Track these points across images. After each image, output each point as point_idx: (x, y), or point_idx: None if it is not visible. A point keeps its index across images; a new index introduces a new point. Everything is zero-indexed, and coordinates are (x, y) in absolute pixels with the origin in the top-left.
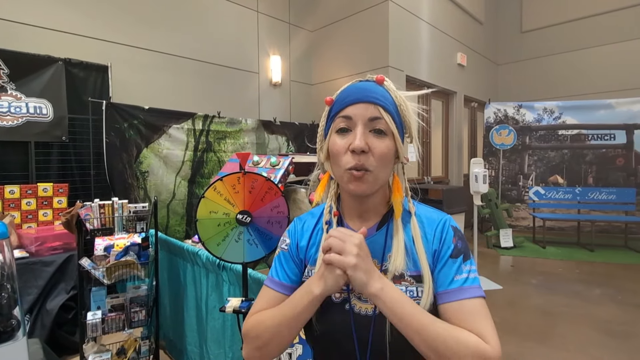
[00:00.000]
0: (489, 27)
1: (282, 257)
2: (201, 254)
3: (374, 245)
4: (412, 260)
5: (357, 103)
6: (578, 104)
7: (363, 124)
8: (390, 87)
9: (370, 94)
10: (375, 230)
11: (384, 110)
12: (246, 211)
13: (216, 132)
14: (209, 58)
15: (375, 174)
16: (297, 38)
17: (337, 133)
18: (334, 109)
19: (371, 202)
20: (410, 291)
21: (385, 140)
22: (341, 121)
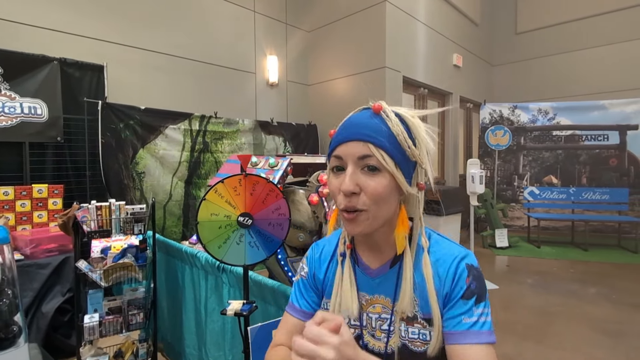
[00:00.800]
0: (484, 29)
1: (301, 285)
2: (200, 256)
3: (386, 284)
4: (424, 301)
5: (346, 142)
6: (572, 105)
7: (353, 163)
8: (388, 117)
9: (361, 130)
10: (388, 268)
11: (375, 146)
12: (247, 213)
13: (213, 133)
14: (205, 58)
15: (372, 212)
16: (294, 38)
17: (332, 172)
18: (330, 146)
19: (378, 237)
20: (422, 334)
21: (378, 177)
22: (334, 160)
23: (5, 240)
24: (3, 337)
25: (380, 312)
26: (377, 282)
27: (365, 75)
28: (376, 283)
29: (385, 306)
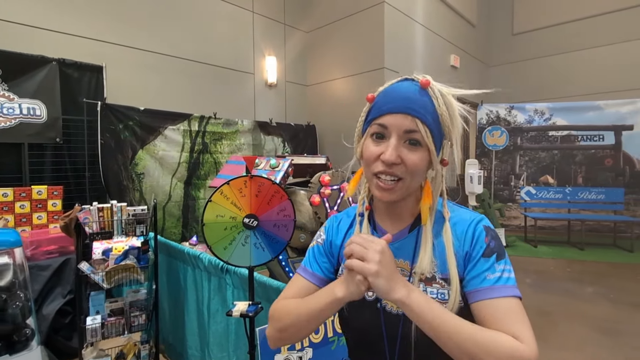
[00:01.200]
0: (481, 30)
1: (316, 250)
2: (203, 257)
3: (405, 247)
4: (443, 263)
5: (394, 113)
6: (568, 106)
7: (398, 136)
8: (434, 93)
9: (410, 105)
10: (407, 232)
11: (422, 122)
12: (253, 215)
13: (212, 134)
14: (204, 58)
15: (407, 182)
16: (293, 39)
17: (371, 138)
18: (372, 113)
19: (401, 206)
20: (441, 293)
21: (419, 151)
22: (377, 128)
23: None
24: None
25: None
26: (395, 247)
27: (364, 76)
28: (395, 247)
29: (403, 269)
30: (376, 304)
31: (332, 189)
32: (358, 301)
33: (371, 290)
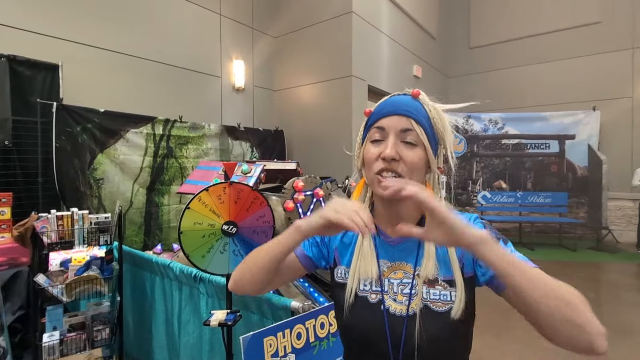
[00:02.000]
0: (441, 43)
1: (316, 240)
2: (173, 266)
3: (407, 251)
4: (445, 265)
5: (390, 115)
6: (518, 116)
7: (395, 135)
8: (425, 101)
9: (404, 107)
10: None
11: (416, 122)
12: (232, 222)
13: (177, 137)
14: (169, 60)
15: (408, 180)
16: (261, 43)
17: (371, 142)
18: (370, 120)
19: (402, 208)
20: (443, 295)
21: (416, 150)
22: (375, 132)
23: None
24: None
25: (402, 278)
26: (398, 250)
27: (332, 83)
28: (397, 251)
29: (406, 272)
30: (380, 306)
31: (305, 194)
32: (361, 304)
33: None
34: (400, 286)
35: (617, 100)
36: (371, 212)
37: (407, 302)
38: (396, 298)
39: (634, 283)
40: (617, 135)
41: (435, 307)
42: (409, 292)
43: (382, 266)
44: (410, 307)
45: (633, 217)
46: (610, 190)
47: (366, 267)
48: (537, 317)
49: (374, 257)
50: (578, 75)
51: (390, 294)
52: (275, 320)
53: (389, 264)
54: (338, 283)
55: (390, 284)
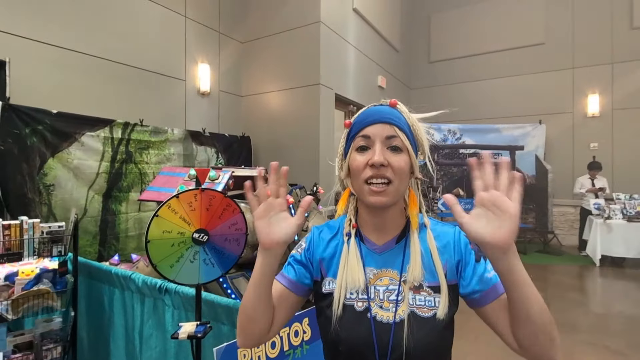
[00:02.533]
0: (403, 55)
1: (295, 258)
2: (135, 277)
3: (393, 258)
4: (429, 272)
5: (375, 124)
6: (474, 127)
7: (381, 142)
8: (402, 110)
9: (387, 115)
10: (394, 243)
11: (399, 129)
12: (203, 229)
13: (138, 142)
14: (130, 61)
15: (396, 185)
16: (227, 48)
17: (357, 151)
18: (353, 130)
19: (388, 215)
20: (428, 301)
21: (401, 155)
22: (361, 140)
23: None
24: None
25: (388, 284)
26: (384, 257)
27: (300, 91)
28: (383, 258)
29: (392, 278)
30: (366, 314)
31: None
32: (347, 313)
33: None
34: (387, 293)
35: (560, 115)
36: (356, 220)
37: (393, 309)
38: (382, 305)
39: (577, 283)
40: (560, 146)
41: (422, 312)
42: (396, 299)
43: (368, 273)
44: (397, 314)
45: (575, 222)
46: (555, 198)
47: (353, 275)
48: (524, 329)
49: (360, 265)
50: (526, 91)
51: (376, 301)
52: None
53: (375, 271)
54: (324, 294)
55: (376, 291)
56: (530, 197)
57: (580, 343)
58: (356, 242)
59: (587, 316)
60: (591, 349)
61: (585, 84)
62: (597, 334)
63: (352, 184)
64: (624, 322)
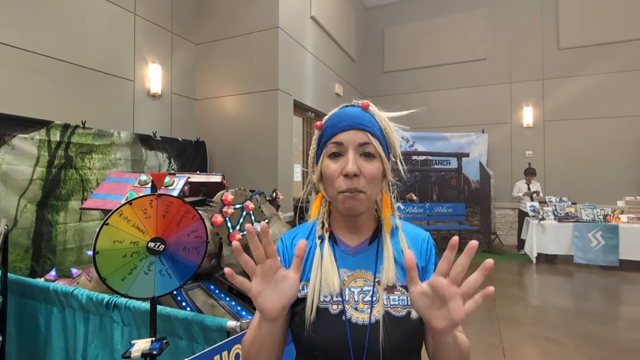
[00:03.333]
0: (359, 64)
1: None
2: (78, 293)
3: (366, 259)
4: (401, 271)
5: (347, 130)
6: (425, 135)
7: (354, 149)
8: (375, 112)
9: (359, 121)
10: (367, 245)
11: (372, 135)
12: (159, 238)
13: (79, 145)
14: (72, 58)
15: (368, 194)
16: (181, 49)
17: (329, 158)
18: (325, 135)
19: (361, 218)
20: (402, 300)
21: (374, 162)
22: (333, 147)
23: None
24: None
25: (362, 286)
26: (357, 259)
27: (258, 96)
28: (356, 259)
29: (366, 279)
30: (341, 317)
31: (235, 208)
32: (322, 317)
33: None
34: (361, 294)
35: (500, 125)
36: (329, 223)
37: (369, 310)
38: (357, 307)
39: (517, 280)
40: (501, 154)
41: (396, 312)
42: (371, 300)
43: (342, 275)
44: (373, 315)
45: (514, 223)
46: (497, 201)
47: (327, 279)
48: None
49: (334, 267)
50: (471, 103)
51: (351, 303)
52: (207, 344)
53: (349, 272)
54: (298, 299)
55: (350, 293)
56: (475, 201)
57: (522, 335)
58: (330, 245)
59: (527, 310)
60: (532, 340)
61: (521, 97)
62: (536, 326)
63: (326, 190)
64: (559, 313)
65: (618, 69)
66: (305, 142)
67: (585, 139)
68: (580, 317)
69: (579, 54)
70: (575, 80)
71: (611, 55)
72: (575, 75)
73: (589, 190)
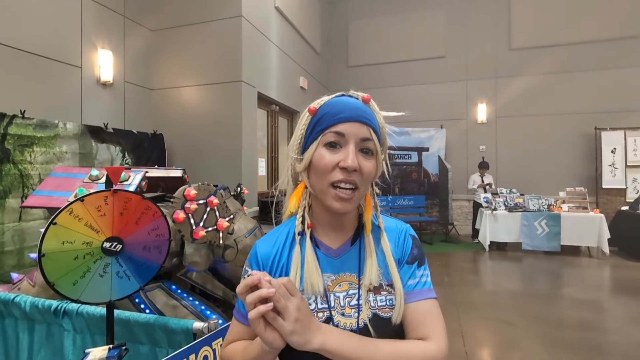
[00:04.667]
0: (324, 58)
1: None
2: (20, 301)
3: (350, 260)
4: (386, 271)
5: (351, 121)
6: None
7: (355, 143)
8: (375, 108)
9: (363, 114)
10: (349, 245)
11: (373, 131)
12: (116, 237)
13: (18, 137)
14: (8, 40)
15: (362, 191)
16: (134, 35)
17: (325, 147)
18: (323, 122)
19: (345, 219)
20: (389, 300)
21: (372, 160)
22: (333, 136)
23: None
24: None
25: (348, 289)
26: (340, 261)
27: (220, 87)
28: (339, 262)
29: (351, 282)
30: (328, 324)
31: (198, 203)
32: None
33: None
34: (347, 298)
35: (457, 120)
36: (310, 219)
37: (356, 314)
38: (344, 312)
39: (473, 266)
40: (457, 148)
41: (384, 313)
42: (357, 304)
43: (326, 280)
44: (360, 319)
45: (469, 214)
46: (454, 193)
47: (312, 282)
48: None
49: (319, 271)
50: (430, 99)
51: (337, 308)
52: (171, 347)
53: (333, 276)
54: None
55: (336, 298)
56: (434, 193)
57: (478, 318)
58: (312, 247)
59: (481, 294)
60: (487, 322)
61: (475, 94)
62: (490, 309)
63: (313, 181)
64: (510, 296)
65: (563, 70)
66: (270, 135)
67: (533, 134)
68: (529, 299)
69: (528, 55)
70: (524, 79)
71: (557, 56)
72: (524, 74)
73: (536, 181)
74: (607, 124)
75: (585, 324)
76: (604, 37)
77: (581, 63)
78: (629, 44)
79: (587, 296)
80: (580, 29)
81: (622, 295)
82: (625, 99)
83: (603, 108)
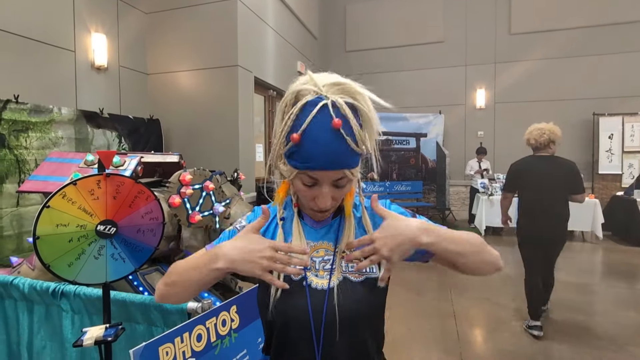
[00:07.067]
0: (321, 43)
1: (231, 233)
2: (19, 283)
3: (329, 232)
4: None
5: (322, 170)
6: (386, 116)
7: (328, 184)
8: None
9: (337, 160)
10: (331, 219)
11: (349, 170)
12: (110, 220)
13: (13, 122)
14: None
15: (336, 205)
16: (128, 17)
17: (302, 183)
18: (298, 158)
19: None
20: (370, 268)
21: (346, 186)
22: (308, 179)
23: None
24: None
25: (324, 255)
26: (321, 232)
27: (216, 71)
28: (320, 232)
29: (328, 249)
30: (302, 283)
31: (194, 188)
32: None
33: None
34: (322, 263)
35: (455, 106)
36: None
37: (328, 276)
38: (318, 274)
39: None
40: (455, 134)
41: (353, 277)
42: (330, 267)
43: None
44: (332, 280)
45: (466, 200)
46: (451, 179)
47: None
48: (464, 268)
49: (303, 241)
50: (429, 84)
51: (312, 270)
52: (167, 327)
53: (312, 244)
54: None
55: (312, 262)
56: (432, 179)
57: (471, 299)
58: (299, 220)
59: (474, 277)
60: (479, 303)
61: (474, 80)
62: (482, 291)
63: (294, 190)
64: (502, 279)
65: (562, 55)
66: (268, 121)
67: (531, 120)
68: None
69: (528, 40)
70: (523, 64)
71: (556, 41)
72: (523, 59)
73: None
74: (605, 109)
75: (575, 306)
76: (603, 22)
77: (580, 48)
78: (628, 29)
79: (578, 279)
80: (580, 14)
81: (612, 278)
82: (624, 85)
83: (601, 94)
